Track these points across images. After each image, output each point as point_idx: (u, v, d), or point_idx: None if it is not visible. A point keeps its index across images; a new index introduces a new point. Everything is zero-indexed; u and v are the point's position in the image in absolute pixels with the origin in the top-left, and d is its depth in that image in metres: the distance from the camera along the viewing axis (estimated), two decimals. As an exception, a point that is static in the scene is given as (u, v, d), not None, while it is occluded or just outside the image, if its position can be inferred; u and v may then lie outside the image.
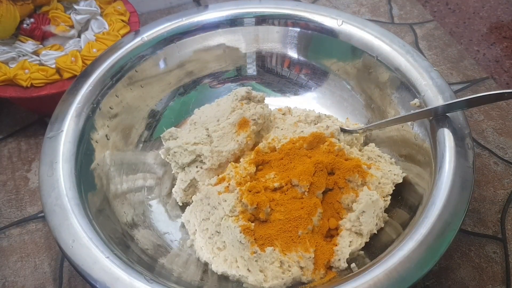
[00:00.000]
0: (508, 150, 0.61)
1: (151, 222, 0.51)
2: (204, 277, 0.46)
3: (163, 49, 0.59)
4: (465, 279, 0.50)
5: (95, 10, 0.64)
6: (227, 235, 0.45)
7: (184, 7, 0.84)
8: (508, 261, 0.51)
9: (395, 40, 0.55)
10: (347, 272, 0.43)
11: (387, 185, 0.49)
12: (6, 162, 0.62)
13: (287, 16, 0.60)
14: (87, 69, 0.54)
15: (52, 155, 0.46)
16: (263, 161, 0.51)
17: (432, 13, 0.83)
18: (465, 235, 0.53)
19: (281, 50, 0.63)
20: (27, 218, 0.56)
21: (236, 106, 0.54)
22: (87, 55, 0.60)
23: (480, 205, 0.56)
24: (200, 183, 0.52)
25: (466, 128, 0.46)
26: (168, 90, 0.61)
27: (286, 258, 0.43)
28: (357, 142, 0.55)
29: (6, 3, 0.57)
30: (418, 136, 0.50)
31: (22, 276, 0.51)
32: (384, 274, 0.36)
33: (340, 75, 0.61)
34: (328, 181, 0.48)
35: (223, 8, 0.61)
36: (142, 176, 0.55)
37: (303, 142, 0.51)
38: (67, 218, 0.41)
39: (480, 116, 0.65)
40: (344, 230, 0.46)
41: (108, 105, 0.53)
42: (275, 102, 0.61)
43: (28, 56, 0.59)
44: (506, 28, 0.80)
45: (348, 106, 0.60)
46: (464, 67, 0.72)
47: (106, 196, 0.49)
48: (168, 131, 0.54)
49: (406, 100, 0.52)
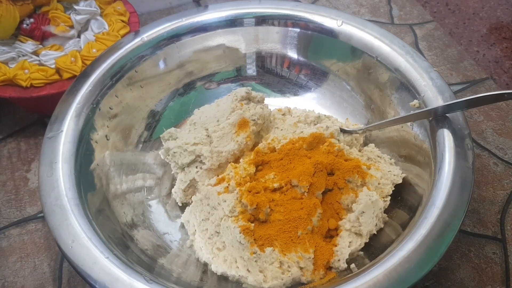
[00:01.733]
0: (507, 150, 0.61)
1: (151, 223, 0.51)
2: (204, 278, 0.46)
3: (163, 50, 0.59)
4: (464, 279, 0.50)
5: (95, 10, 0.64)
6: (226, 236, 0.45)
7: (184, 7, 0.84)
8: (507, 262, 0.51)
9: (395, 40, 0.55)
10: (346, 272, 0.43)
11: (387, 185, 0.49)
12: (6, 162, 0.62)
13: (287, 16, 0.60)
14: (86, 69, 0.54)
15: (52, 155, 0.46)
16: (263, 162, 0.51)
17: (432, 14, 0.83)
18: (464, 236, 0.53)
19: (281, 50, 0.63)
20: (26, 218, 0.56)
21: (236, 107, 0.54)
22: (87, 55, 0.60)
23: (479, 206, 0.56)
24: (200, 184, 0.52)
25: (465, 128, 0.46)
26: (168, 90, 0.61)
27: (286, 259, 0.43)
28: (357, 143, 0.55)
29: (6, 3, 0.57)
30: (417, 136, 0.50)
31: (22, 276, 0.51)
32: (383, 275, 0.36)
33: (340, 76, 0.61)
34: (327, 181, 0.48)
35: (223, 8, 0.61)
36: (141, 176, 0.55)
37: (303, 142, 0.51)
38: (66, 218, 0.41)
39: (480, 116, 0.65)
40: (344, 231, 0.46)
41: (107, 105, 0.53)
42: (275, 103, 0.61)
43: (28, 56, 0.59)
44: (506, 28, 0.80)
45: (347, 106, 0.60)
46: (464, 68, 0.72)
47: (105, 197, 0.49)
48: (168, 132, 0.54)
49: (405, 101, 0.52)
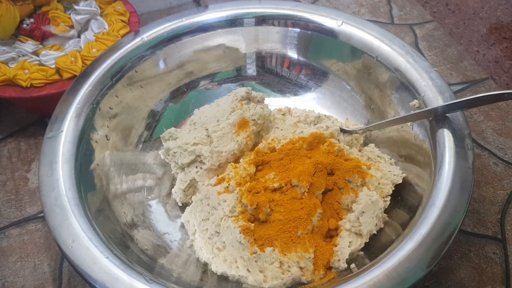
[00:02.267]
0: (507, 150, 0.61)
1: (151, 223, 0.51)
2: (204, 278, 0.46)
3: (163, 49, 0.59)
4: (464, 279, 0.50)
5: (95, 10, 0.64)
6: (226, 236, 0.45)
7: (184, 7, 0.84)
8: (507, 262, 0.51)
9: (395, 40, 0.55)
10: (346, 272, 0.43)
11: (387, 185, 0.49)
12: (6, 162, 0.62)
13: (287, 16, 0.60)
14: (87, 69, 0.54)
15: (52, 155, 0.46)
16: (263, 162, 0.51)
17: (432, 14, 0.83)
18: (464, 236, 0.53)
19: (281, 50, 0.63)
20: (26, 218, 0.56)
21: (236, 107, 0.54)
22: (87, 55, 0.60)
23: (479, 206, 0.56)
24: (200, 184, 0.52)
25: (466, 128, 0.46)
26: (168, 90, 0.61)
27: (286, 259, 0.43)
28: (357, 143, 0.55)
29: (6, 3, 0.57)
30: (417, 136, 0.50)
31: (22, 276, 0.51)
32: (383, 275, 0.36)
33: (340, 76, 0.61)
34: (327, 181, 0.48)
35: (223, 8, 0.61)
36: (141, 176, 0.55)
37: (303, 142, 0.51)
38: (66, 218, 0.41)
39: (480, 116, 0.65)
40: (344, 231, 0.46)
41: (108, 105, 0.53)
42: (275, 103, 0.61)
43: (28, 56, 0.59)
44: (506, 28, 0.80)
45: (348, 106, 0.60)
46: (464, 68, 0.72)
47: (105, 196, 0.49)
48: (168, 131, 0.54)
49: (405, 101, 0.52)
